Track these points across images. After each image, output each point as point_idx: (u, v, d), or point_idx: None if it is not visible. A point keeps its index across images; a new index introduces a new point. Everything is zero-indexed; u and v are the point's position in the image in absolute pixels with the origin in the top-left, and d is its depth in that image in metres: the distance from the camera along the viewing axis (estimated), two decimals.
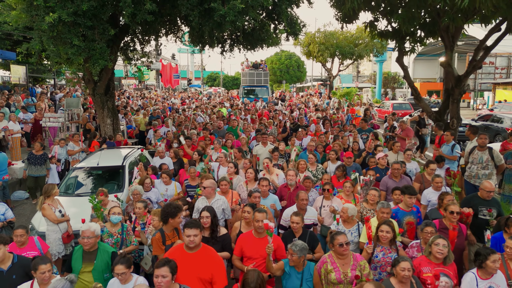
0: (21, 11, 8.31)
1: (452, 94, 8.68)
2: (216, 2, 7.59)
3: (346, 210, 4.65)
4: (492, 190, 4.91)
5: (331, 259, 3.77)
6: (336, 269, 3.69)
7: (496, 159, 6.07)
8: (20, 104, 12.89)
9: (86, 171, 7.17)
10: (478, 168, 6.18)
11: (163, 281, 3.06)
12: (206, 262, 3.53)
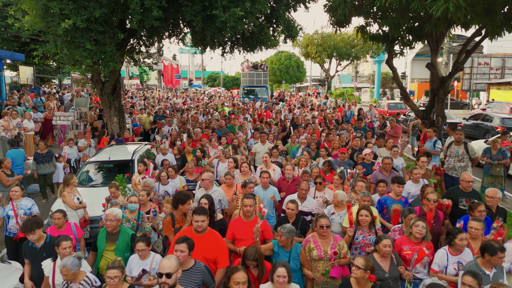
0: (36, 17, 8.97)
1: (437, 94, 9.33)
2: (218, 10, 8.25)
3: (337, 196, 5.25)
4: (471, 181, 5.41)
5: (314, 238, 4.28)
6: (317, 247, 4.20)
7: (471, 152, 6.72)
8: (30, 103, 13.53)
9: (99, 165, 7.83)
10: (455, 161, 6.84)
11: (181, 255, 3.41)
12: (212, 244, 3.99)
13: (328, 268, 4.14)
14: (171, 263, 3.12)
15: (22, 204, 5.45)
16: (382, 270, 3.87)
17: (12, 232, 5.34)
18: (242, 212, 4.64)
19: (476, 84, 30.23)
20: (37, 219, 4.59)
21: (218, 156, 7.47)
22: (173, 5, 8.86)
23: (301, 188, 5.48)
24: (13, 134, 9.85)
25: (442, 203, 5.14)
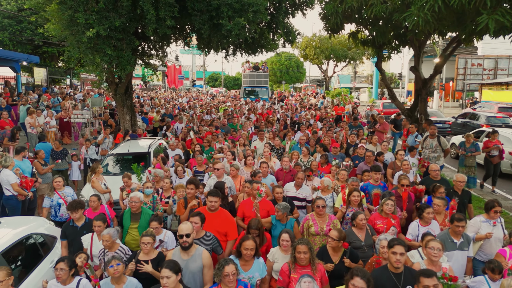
0: (61, 25, 10.04)
1: (420, 94, 10.40)
2: (224, 19, 9.32)
3: (323, 182, 6.27)
4: (437, 169, 6.48)
5: (312, 217, 5.00)
6: (315, 224, 4.92)
7: (443, 144, 7.79)
8: (48, 103, 14.61)
9: (119, 156, 8.90)
10: (429, 152, 7.91)
11: (195, 226, 4.02)
12: (222, 220, 4.70)
13: (323, 242, 4.79)
14: (188, 226, 3.85)
15: (66, 193, 6.14)
16: (359, 240, 4.63)
17: (64, 217, 6.04)
18: (252, 194, 5.47)
19: (469, 85, 31.31)
20: (81, 201, 5.18)
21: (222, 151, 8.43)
22: (184, 15, 9.94)
23: (297, 177, 6.26)
24: (38, 130, 10.91)
25: (417, 188, 6.17)
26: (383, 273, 3.64)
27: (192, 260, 3.84)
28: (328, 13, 9.58)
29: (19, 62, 16.98)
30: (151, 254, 4.11)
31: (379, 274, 3.64)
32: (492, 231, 4.75)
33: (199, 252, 3.89)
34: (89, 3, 9.23)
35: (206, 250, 3.99)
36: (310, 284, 3.38)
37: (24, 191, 6.66)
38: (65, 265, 3.70)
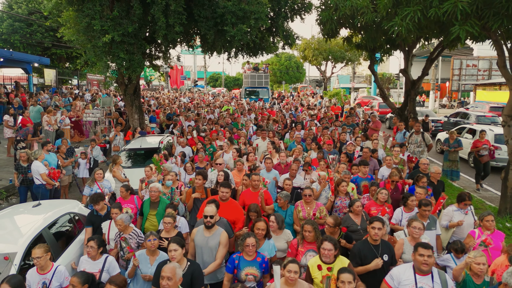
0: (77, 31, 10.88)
1: (409, 94, 11.23)
2: (228, 26, 10.16)
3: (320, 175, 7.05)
4: (426, 163, 7.21)
5: (301, 204, 5.59)
6: (303, 210, 5.48)
7: (426, 140, 8.62)
8: (60, 103, 15.44)
9: (132, 151, 9.74)
10: (414, 147, 8.75)
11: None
12: (232, 210, 5.20)
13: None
14: (212, 209, 4.43)
15: (104, 184, 6.75)
16: (356, 224, 5.14)
17: None
18: (251, 185, 6.14)
19: (464, 85, 32.14)
20: (101, 194, 5.71)
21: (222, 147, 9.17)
22: (190, 21, 10.78)
23: (291, 168, 6.98)
24: (54, 128, 11.75)
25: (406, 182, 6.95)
26: (364, 245, 4.25)
27: (212, 237, 4.39)
28: (324, 19, 10.38)
29: (31, 64, 17.82)
30: (171, 233, 4.71)
31: (361, 246, 4.25)
32: (463, 219, 5.33)
33: (218, 232, 4.43)
34: (104, 11, 10.08)
35: (225, 231, 4.47)
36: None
37: (51, 180, 7.51)
38: (95, 244, 4.23)
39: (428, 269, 3.57)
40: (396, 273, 3.70)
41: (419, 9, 6.74)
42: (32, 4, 20.90)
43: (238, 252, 4.10)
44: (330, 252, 3.81)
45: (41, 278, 3.98)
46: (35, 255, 3.85)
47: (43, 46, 21.38)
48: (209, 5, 10.41)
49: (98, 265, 4.24)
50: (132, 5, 10.03)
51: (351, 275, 3.43)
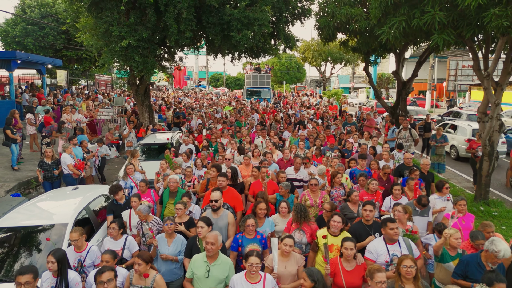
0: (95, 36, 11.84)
1: (401, 94, 12.17)
2: (234, 32, 11.11)
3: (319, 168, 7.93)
4: (410, 157, 8.09)
5: (307, 193, 6.17)
6: (310, 198, 6.08)
7: (413, 135, 9.56)
8: (74, 102, 16.40)
9: (147, 146, 10.69)
10: (403, 142, 9.68)
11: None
12: (231, 196, 5.82)
13: (317, 212, 5.91)
14: (217, 194, 5.01)
15: (136, 177, 7.29)
16: (353, 212, 5.68)
17: None
18: (260, 177, 6.93)
19: (460, 85, 33.06)
20: (119, 185, 6.18)
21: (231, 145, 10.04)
22: (199, 27, 11.74)
23: (296, 162, 7.74)
24: (73, 125, 12.70)
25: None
26: (359, 225, 4.89)
27: (220, 219, 4.98)
28: (322, 25, 11.31)
29: (45, 65, 18.79)
30: (183, 218, 5.20)
31: (356, 226, 4.91)
32: (445, 206, 5.94)
33: (225, 214, 5.05)
34: (121, 18, 11.03)
35: (231, 212, 5.11)
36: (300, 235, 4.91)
37: (77, 171, 8.46)
38: (116, 225, 4.74)
39: (397, 238, 4.25)
40: (372, 247, 4.29)
41: (404, 19, 7.68)
42: (44, 8, 21.86)
43: (240, 233, 4.69)
44: (338, 224, 4.44)
45: (77, 256, 4.50)
46: (73, 238, 4.38)
47: (54, 48, 22.34)
48: (216, 12, 11.36)
49: (120, 244, 4.75)
50: (147, 13, 10.99)
51: (353, 243, 4.02)
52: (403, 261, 3.60)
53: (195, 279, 3.99)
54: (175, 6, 10.52)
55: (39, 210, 5.64)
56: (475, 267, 4.05)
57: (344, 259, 4.06)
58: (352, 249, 3.98)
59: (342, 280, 3.98)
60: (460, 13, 6.97)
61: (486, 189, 8.13)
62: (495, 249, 3.92)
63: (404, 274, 3.53)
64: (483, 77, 7.74)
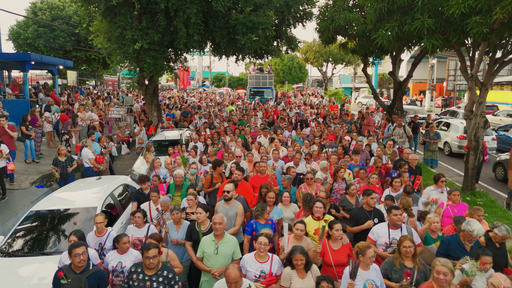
0: (108, 39, 12.59)
1: (397, 94, 12.85)
2: (239, 35, 11.83)
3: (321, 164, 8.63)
4: (409, 153, 8.77)
5: (304, 186, 6.71)
6: (306, 190, 6.60)
7: (407, 132, 10.26)
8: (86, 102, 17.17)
9: (158, 142, 11.43)
10: (397, 138, 10.38)
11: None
12: (244, 189, 6.43)
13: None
14: (230, 185, 5.48)
15: (161, 172, 7.66)
16: (351, 204, 6.13)
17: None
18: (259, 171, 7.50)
19: (459, 85, 33.62)
20: (147, 176, 6.69)
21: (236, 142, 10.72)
22: (207, 30, 12.47)
23: (295, 157, 8.41)
24: (86, 123, 13.46)
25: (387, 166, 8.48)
26: (360, 211, 5.44)
27: (230, 209, 5.41)
28: (322, 29, 12.02)
29: (57, 66, 19.58)
30: (193, 208, 5.57)
31: (358, 212, 5.44)
32: (439, 197, 6.36)
33: (235, 205, 5.48)
34: (134, 22, 11.77)
35: (241, 204, 5.55)
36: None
37: (97, 164, 9.21)
38: (141, 215, 5.17)
39: (400, 224, 4.77)
40: (375, 230, 4.84)
41: (396, 25, 8.38)
42: (55, 11, 22.64)
43: (253, 219, 5.21)
44: (320, 209, 5.11)
45: (98, 240, 4.90)
46: (97, 221, 4.88)
47: (64, 50, 23.14)
48: (222, 17, 12.09)
49: (143, 231, 5.16)
50: (158, 18, 11.73)
51: (341, 225, 4.57)
52: (403, 242, 4.13)
53: (205, 256, 4.48)
54: (184, 11, 11.26)
55: (71, 196, 6.40)
56: (455, 246, 4.67)
57: (331, 240, 4.58)
58: (339, 230, 4.49)
59: (330, 258, 4.48)
60: (447, 19, 7.66)
61: (472, 181, 8.82)
62: (470, 228, 4.59)
63: (404, 253, 4.11)
64: (468, 78, 8.41)
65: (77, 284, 3.74)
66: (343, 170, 7.37)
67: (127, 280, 3.96)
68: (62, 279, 3.80)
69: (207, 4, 11.74)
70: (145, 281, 3.86)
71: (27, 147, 10.97)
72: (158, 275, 3.89)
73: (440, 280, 3.56)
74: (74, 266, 3.90)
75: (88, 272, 3.88)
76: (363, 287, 3.87)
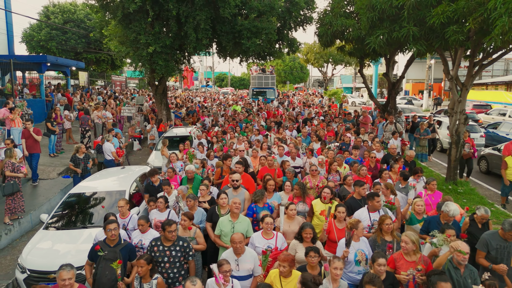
0: (121, 43, 13.62)
1: (390, 94, 13.84)
2: (244, 39, 12.84)
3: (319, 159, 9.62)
4: (395, 148, 9.81)
5: (308, 177, 7.36)
6: (310, 182, 7.20)
7: (398, 129, 11.24)
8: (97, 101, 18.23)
9: (169, 138, 12.43)
10: (388, 134, 11.37)
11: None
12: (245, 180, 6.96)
13: (315, 193, 6.91)
14: (237, 175, 6.30)
15: (177, 165, 8.30)
16: (348, 192, 6.74)
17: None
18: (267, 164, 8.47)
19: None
20: (156, 169, 7.32)
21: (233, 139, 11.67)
22: (214, 35, 13.49)
23: (291, 152, 9.35)
24: (102, 121, 14.49)
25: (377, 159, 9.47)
26: (353, 200, 6.10)
27: (238, 195, 6.10)
28: (321, 33, 13.01)
29: (70, 67, 20.63)
30: (206, 197, 6.35)
31: (351, 201, 6.07)
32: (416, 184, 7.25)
33: (243, 191, 6.31)
34: (147, 27, 12.80)
35: (247, 191, 6.40)
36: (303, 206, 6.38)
37: (117, 157, 10.24)
38: (163, 200, 5.82)
39: (379, 208, 5.48)
40: (357, 215, 5.50)
41: (386, 31, 9.36)
42: (67, 14, 23.71)
43: (253, 203, 6.00)
44: (328, 194, 5.83)
45: (122, 221, 5.47)
46: (120, 205, 5.61)
47: (75, 51, 24.21)
48: (229, 22, 13.10)
49: (165, 215, 5.77)
50: (169, 23, 12.75)
51: (344, 208, 5.25)
52: (384, 220, 4.84)
53: (222, 234, 5.20)
54: (194, 17, 12.28)
55: (101, 182, 7.43)
56: (435, 225, 5.46)
57: (337, 220, 5.31)
58: (344, 212, 5.29)
59: (335, 235, 5.20)
60: (430, 28, 8.64)
61: (454, 171, 9.80)
62: (447, 209, 5.48)
63: (386, 230, 4.92)
64: (449, 79, 9.39)
65: (113, 255, 4.56)
66: (335, 163, 8.21)
67: (149, 252, 4.62)
68: (99, 252, 4.59)
69: (215, 11, 12.75)
70: (165, 251, 4.58)
71: (51, 141, 12.01)
72: (175, 245, 4.67)
73: (403, 247, 4.43)
74: (108, 241, 4.66)
75: (120, 246, 4.70)
76: (354, 255, 4.69)
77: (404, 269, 4.34)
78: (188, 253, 4.70)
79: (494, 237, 4.77)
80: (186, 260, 4.73)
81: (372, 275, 3.82)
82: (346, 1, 12.72)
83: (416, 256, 4.42)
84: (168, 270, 4.58)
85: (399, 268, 4.38)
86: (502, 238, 4.69)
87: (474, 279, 4.13)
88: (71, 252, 5.52)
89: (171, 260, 4.58)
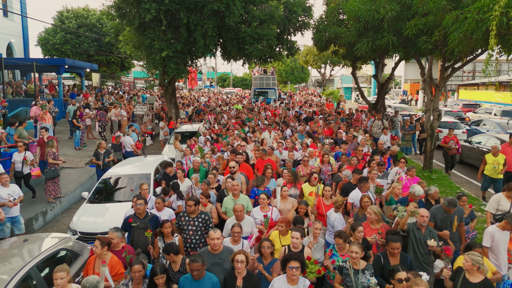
0: (136, 47, 15.13)
1: (380, 93, 15.29)
2: (247, 45, 14.33)
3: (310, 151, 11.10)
4: (382, 143, 11.26)
5: (301, 167, 8.64)
6: (302, 170, 8.83)
7: (385, 125, 12.69)
8: (111, 101, 19.75)
9: (180, 133, 13.92)
10: (376, 129, 12.82)
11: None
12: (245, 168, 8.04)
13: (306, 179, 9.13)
14: (233, 163, 7.45)
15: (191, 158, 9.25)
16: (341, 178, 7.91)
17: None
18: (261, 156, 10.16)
19: (450, 85, 35.92)
20: (170, 162, 8.79)
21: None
22: (220, 41, 14.99)
23: (290, 146, 11.18)
24: (118, 118, 16.01)
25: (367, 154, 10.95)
26: (349, 185, 7.13)
27: (237, 179, 7.06)
28: (316, 39, 14.50)
29: (84, 69, 22.17)
30: (214, 184, 7.42)
31: (347, 185, 7.17)
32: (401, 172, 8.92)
33: (239, 176, 7.39)
34: (160, 34, 14.31)
35: (244, 177, 7.60)
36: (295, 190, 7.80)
37: (136, 149, 11.74)
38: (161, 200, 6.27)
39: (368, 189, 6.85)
40: (352, 195, 6.61)
41: (370, 40, 10.83)
42: (80, 19, 25.25)
43: (255, 187, 7.19)
44: (316, 178, 7.16)
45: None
46: (142, 189, 6.62)
47: (88, 54, 25.76)
48: (233, 30, 14.59)
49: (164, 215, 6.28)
50: (180, 30, 14.25)
51: (330, 188, 6.80)
52: (363, 198, 6.00)
53: (228, 211, 6.29)
54: (202, 26, 13.77)
55: (129, 167, 8.91)
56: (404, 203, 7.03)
57: (324, 198, 6.57)
58: (330, 191, 6.59)
59: (323, 209, 6.46)
60: (406, 37, 10.10)
61: (430, 161, 11.24)
62: (412, 190, 6.89)
63: (364, 206, 6.18)
64: (423, 80, 10.85)
65: (144, 225, 5.82)
66: (326, 156, 9.62)
67: (178, 221, 5.70)
68: (132, 223, 5.83)
69: (221, 20, 14.24)
70: (190, 221, 5.62)
71: (76, 136, 13.54)
72: (198, 216, 5.63)
73: (368, 217, 5.72)
74: (138, 214, 5.75)
75: (148, 217, 5.98)
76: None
77: (369, 234, 5.63)
78: (209, 224, 5.66)
79: (438, 210, 5.81)
80: (207, 230, 5.56)
81: (340, 231, 5.23)
82: (338, 10, 14.18)
83: (379, 224, 5.76)
84: (192, 237, 5.55)
85: (366, 234, 5.60)
86: (445, 211, 5.91)
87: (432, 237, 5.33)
88: (109, 219, 6.99)
89: (193, 228, 5.56)
